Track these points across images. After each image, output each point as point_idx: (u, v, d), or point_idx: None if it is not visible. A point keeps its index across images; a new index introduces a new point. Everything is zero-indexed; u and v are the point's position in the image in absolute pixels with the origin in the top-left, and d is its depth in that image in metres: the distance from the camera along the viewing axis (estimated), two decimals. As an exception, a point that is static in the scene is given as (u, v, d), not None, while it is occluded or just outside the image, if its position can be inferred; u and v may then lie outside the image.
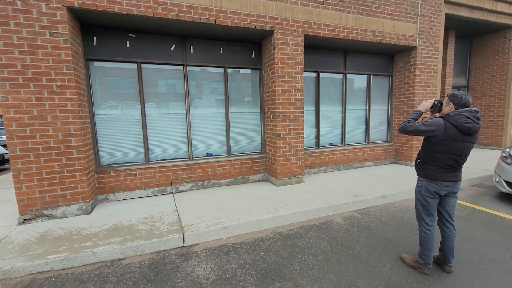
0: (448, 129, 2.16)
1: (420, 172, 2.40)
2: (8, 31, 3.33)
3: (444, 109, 2.33)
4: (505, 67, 8.34)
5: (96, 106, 4.43)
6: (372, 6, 5.54)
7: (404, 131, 2.32)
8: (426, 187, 2.34)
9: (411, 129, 2.28)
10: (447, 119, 2.19)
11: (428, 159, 2.31)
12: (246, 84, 5.45)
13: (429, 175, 2.32)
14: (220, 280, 2.48)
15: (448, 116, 2.19)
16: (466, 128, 2.14)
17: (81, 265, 2.77)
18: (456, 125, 2.15)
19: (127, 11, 3.81)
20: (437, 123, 2.19)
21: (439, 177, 2.29)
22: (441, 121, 2.19)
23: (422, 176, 2.38)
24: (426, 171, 2.34)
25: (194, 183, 4.99)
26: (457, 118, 2.15)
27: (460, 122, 2.14)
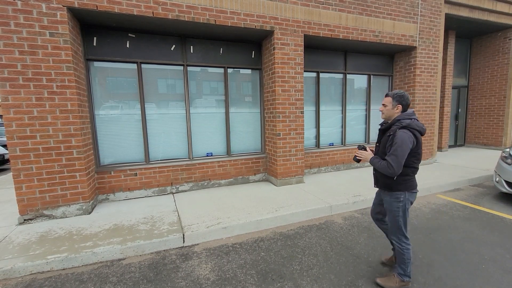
0: (417, 137, 2.09)
1: (401, 186, 2.15)
2: (8, 31, 3.33)
3: (391, 111, 2.19)
4: (505, 67, 8.34)
5: (96, 106, 4.43)
6: (372, 6, 5.54)
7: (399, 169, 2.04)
8: (409, 199, 2.18)
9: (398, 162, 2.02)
10: (411, 127, 2.07)
11: (408, 171, 2.13)
12: (246, 84, 5.45)
13: (410, 186, 2.17)
14: (220, 280, 2.48)
15: (411, 124, 2.07)
16: (424, 130, 2.13)
17: (81, 265, 2.77)
18: (420, 130, 2.10)
19: (127, 11, 3.81)
20: (407, 137, 2.03)
21: (415, 184, 2.22)
22: (408, 133, 2.04)
23: (403, 189, 2.15)
24: (407, 183, 2.16)
25: (194, 183, 4.99)
26: (417, 123, 2.11)
27: (420, 125, 2.12)
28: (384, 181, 2.22)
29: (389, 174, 2.07)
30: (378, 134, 2.33)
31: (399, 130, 2.05)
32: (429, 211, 4.02)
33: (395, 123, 2.14)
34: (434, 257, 2.77)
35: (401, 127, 2.07)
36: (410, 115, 2.14)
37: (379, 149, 2.26)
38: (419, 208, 4.14)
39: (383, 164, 2.08)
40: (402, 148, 2.00)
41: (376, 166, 2.17)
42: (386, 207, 2.26)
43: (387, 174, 2.08)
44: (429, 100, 6.61)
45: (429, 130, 6.75)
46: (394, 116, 2.18)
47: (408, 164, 2.10)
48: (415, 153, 2.10)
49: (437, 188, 4.93)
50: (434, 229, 3.41)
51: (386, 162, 2.06)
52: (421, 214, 3.91)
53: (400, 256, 2.24)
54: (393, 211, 2.20)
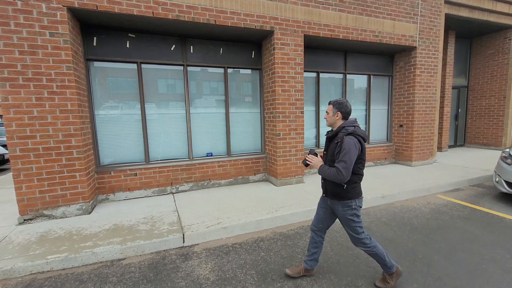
0: (362, 144, 2.10)
1: (351, 194, 2.14)
2: (8, 31, 3.33)
3: (332, 118, 2.20)
4: (505, 67, 8.34)
5: (96, 106, 4.43)
6: (372, 6, 5.54)
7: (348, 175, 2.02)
8: (359, 205, 2.19)
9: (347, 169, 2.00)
10: (357, 134, 2.07)
11: (355, 178, 2.12)
12: (246, 84, 5.45)
13: (358, 193, 2.18)
14: (220, 280, 2.48)
15: (356, 131, 2.08)
16: (366, 137, 2.15)
17: (81, 265, 2.77)
18: (363, 137, 2.11)
19: (127, 11, 3.81)
20: (353, 145, 2.02)
21: (361, 190, 2.22)
22: (354, 139, 2.04)
23: (353, 197, 2.15)
24: (355, 191, 2.16)
25: (194, 183, 4.99)
26: (360, 130, 2.12)
27: (363, 132, 2.14)
28: (333, 190, 2.20)
29: (339, 181, 2.03)
30: (325, 142, 2.30)
31: (346, 137, 2.05)
32: (429, 211, 4.02)
33: (341, 130, 2.13)
34: (434, 257, 2.77)
35: (347, 134, 2.06)
36: (353, 122, 2.15)
37: (327, 157, 2.23)
38: (419, 208, 4.14)
39: (333, 171, 2.04)
40: (350, 154, 2.00)
41: (325, 174, 2.12)
42: (340, 217, 2.23)
43: (336, 181, 2.05)
44: (429, 100, 6.62)
45: (429, 130, 6.75)
46: (337, 124, 2.19)
47: (354, 171, 2.09)
48: (361, 160, 2.11)
49: (437, 188, 4.93)
50: (434, 229, 3.41)
51: (336, 169, 2.02)
52: (421, 214, 3.91)
53: (375, 257, 2.24)
54: (349, 220, 2.18)
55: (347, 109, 2.17)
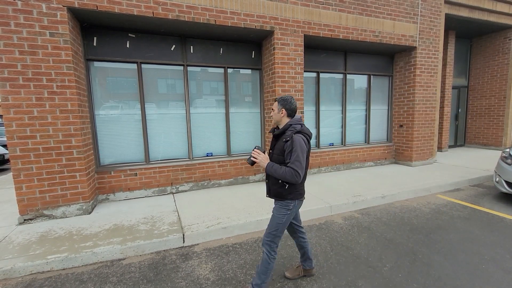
0: (308, 143, 2.04)
1: (292, 195, 2.06)
2: (8, 31, 3.33)
3: (277, 116, 2.12)
4: (505, 67, 8.34)
5: (96, 106, 4.43)
6: (372, 6, 5.54)
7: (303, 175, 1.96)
8: (297, 207, 2.13)
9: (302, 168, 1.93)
10: (304, 132, 2.01)
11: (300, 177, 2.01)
12: (246, 84, 5.45)
13: (300, 194, 2.11)
14: (220, 280, 2.48)
15: (302, 130, 2.02)
16: (311, 136, 2.10)
17: (81, 265, 2.77)
18: (309, 135, 2.06)
19: (127, 11, 3.81)
20: (303, 143, 1.96)
21: (304, 192, 2.16)
22: (300, 137, 1.97)
23: (294, 198, 2.07)
24: (298, 191, 2.09)
25: (194, 183, 4.99)
26: (306, 128, 2.07)
27: (308, 131, 2.08)
28: (276, 190, 2.10)
29: (295, 182, 1.94)
30: (271, 141, 2.20)
31: (295, 135, 1.96)
32: (429, 211, 4.02)
33: (288, 128, 2.04)
34: (434, 257, 2.77)
35: (296, 132, 1.99)
36: (299, 120, 2.09)
37: (273, 156, 2.12)
38: (419, 208, 4.14)
39: (288, 172, 1.92)
40: (303, 154, 1.95)
41: (277, 174, 1.97)
42: (273, 212, 2.15)
43: (292, 181, 1.95)
44: (429, 100, 6.61)
45: (429, 130, 6.75)
46: (283, 121, 2.11)
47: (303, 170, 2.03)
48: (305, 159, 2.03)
49: (437, 188, 4.93)
50: (434, 229, 3.42)
51: (292, 170, 1.91)
52: (421, 214, 3.91)
53: (264, 265, 2.09)
54: (278, 217, 2.09)
55: (292, 106, 2.09)
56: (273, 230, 2.11)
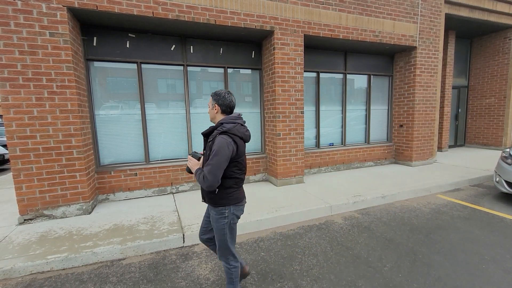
0: (239, 144, 1.84)
1: (224, 200, 1.89)
2: (8, 31, 3.33)
3: (212, 112, 1.95)
4: (505, 67, 8.34)
5: (96, 106, 4.43)
6: (372, 6, 5.54)
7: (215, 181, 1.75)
8: (235, 214, 1.94)
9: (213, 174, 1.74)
10: (232, 133, 1.80)
11: (230, 182, 1.88)
12: (246, 84, 5.45)
13: (235, 199, 1.93)
14: (220, 280, 2.48)
15: (231, 129, 1.81)
16: (247, 137, 1.91)
17: (81, 265, 2.77)
18: (242, 137, 1.86)
19: (127, 11, 3.81)
20: (226, 144, 1.75)
21: (242, 196, 1.99)
22: (227, 139, 1.77)
23: (228, 204, 1.90)
24: (231, 197, 1.91)
25: (194, 183, 4.99)
26: (239, 128, 1.85)
27: (242, 131, 1.87)
28: (208, 195, 1.94)
29: (206, 187, 1.77)
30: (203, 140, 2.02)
31: (218, 136, 1.78)
32: (429, 211, 4.02)
33: (218, 127, 1.86)
34: (434, 257, 2.77)
35: (221, 132, 1.80)
36: (235, 118, 1.89)
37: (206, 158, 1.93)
38: (419, 208, 4.14)
39: (200, 176, 1.78)
40: (219, 157, 1.73)
41: (197, 179, 1.83)
42: (212, 224, 1.98)
43: (204, 187, 1.78)
44: (429, 100, 6.61)
45: (429, 130, 6.75)
46: (217, 118, 1.94)
47: (229, 174, 1.85)
48: (236, 162, 1.86)
49: (437, 188, 4.93)
50: (434, 229, 3.41)
51: (203, 174, 1.77)
52: (421, 214, 3.91)
53: (228, 276, 2.05)
54: (219, 229, 1.93)
55: (226, 102, 1.89)
56: (221, 246, 1.97)
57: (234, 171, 1.88)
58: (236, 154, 1.83)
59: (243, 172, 1.96)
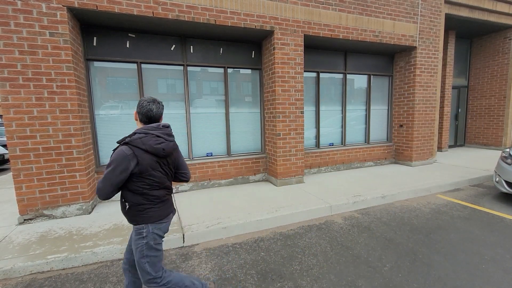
0: (142, 158, 1.62)
1: (139, 218, 1.70)
2: (8, 31, 3.33)
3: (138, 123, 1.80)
4: (505, 67, 8.34)
5: (96, 106, 4.43)
6: (372, 6, 5.54)
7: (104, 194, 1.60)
8: (155, 233, 1.73)
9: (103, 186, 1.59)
10: (133, 145, 1.62)
11: (139, 199, 1.69)
12: (246, 84, 5.45)
13: (151, 218, 1.72)
14: (220, 280, 2.48)
15: (133, 141, 1.62)
16: (159, 151, 1.66)
17: (81, 265, 2.77)
18: (148, 149, 1.63)
19: (127, 11, 3.81)
20: (121, 157, 1.58)
21: (163, 214, 1.76)
22: (126, 151, 1.60)
23: (143, 222, 1.71)
24: (145, 214, 1.71)
25: (194, 183, 4.99)
26: (147, 140, 1.63)
27: (150, 144, 1.64)
28: (122, 212, 1.76)
29: (101, 198, 1.62)
30: None
31: (120, 146, 1.65)
32: (429, 211, 4.02)
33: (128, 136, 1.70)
34: (434, 257, 2.77)
35: (124, 143, 1.65)
36: (151, 129, 1.68)
37: None
38: (419, 208, 4.14)
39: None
40: (110, 169, 1.58)
41: None
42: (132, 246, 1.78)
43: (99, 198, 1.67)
44: (429, 100, 6.61)
45: (429, 130, 6.75)
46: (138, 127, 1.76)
47: (135, 189, 1.66)
48: (142, 178, 1.65)
49: (437, 188, 4.93)
50: (434, 229, 3.42)
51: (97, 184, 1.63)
52: (421, 214, 3.91)
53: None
54: (137, 251, 1.73)
55: (143, 110, 1.71)
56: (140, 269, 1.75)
57: (141, 186, 1.67)
58: (139, 168, 1.62)
59: (156, 188, 1.72)
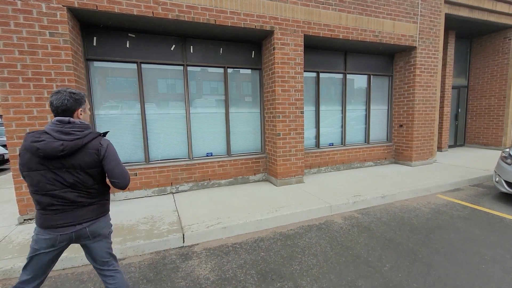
0: (22, 156, 1.47)
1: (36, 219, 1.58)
2: (8, 31, 3.33)
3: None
4: (505, 67, 8.34)
5: (96, 106, 4.43)
6: (372, 6, 5.54)
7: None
8: (40, 237, 1.54)
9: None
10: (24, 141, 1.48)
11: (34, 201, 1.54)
12: (246, 84, 5.45)
13: (37, 221, 1.55)
14: (220, 280, 2.48)
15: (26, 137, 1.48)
16: (33, 149, 1.43)
17: (81, 265, 2.77)
18: (26, 147, 1.45)
19: (127, 11, 3.81)
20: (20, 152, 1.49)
21: (45, 223, 1.52)
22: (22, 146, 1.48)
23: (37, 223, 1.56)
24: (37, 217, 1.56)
25: (194, 183, 4.99)
26: (30, 137, 1.45)
27: (29, 141, 1.44)
28: None
29: None
30: None
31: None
32: (429, 211, 4.02)
33: None
34: (434, 257, 2.77)
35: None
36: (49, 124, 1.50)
37: None
38: (419, 208, 4.14)
39: None
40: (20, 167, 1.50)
41: None
42: None
43: None
44: (429, 100, 6.61)
45: (429, 130, 6.75)
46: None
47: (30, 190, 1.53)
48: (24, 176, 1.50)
49: (437, 188, 4.93)
50: (434, 229, 3.42)
51: None
52: (421, 214, 3.91)
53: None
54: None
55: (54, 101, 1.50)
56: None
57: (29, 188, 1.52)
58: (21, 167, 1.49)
59: (34, 192, 1.50)
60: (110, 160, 1.58)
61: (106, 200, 1.71)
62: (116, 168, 1.60)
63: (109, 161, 1.58)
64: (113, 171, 1.59)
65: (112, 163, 1.59)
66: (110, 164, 1.59)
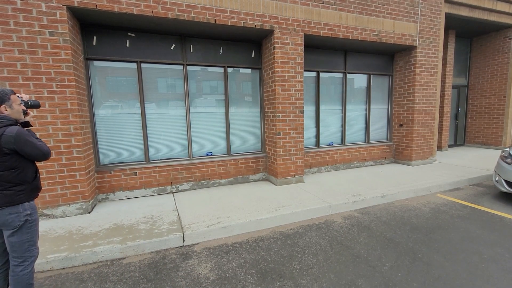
0: None
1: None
2: (7, 31, 3.32)
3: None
4: (505, 67, 8.34)
5: (96, 106, 4.43)
6: (372, 5, 5.53)
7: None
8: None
9: None
10: None
11: None
12: (246, 83, 5.45)
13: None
14: (220, 279, 2.48)
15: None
16: None
17: (81, 264, 2.77)
18: None
19: (127, 10, 3.80)
20: None
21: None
22: None
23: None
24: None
25: (194, 183, 4.99)
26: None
27: None
28: None
29: None
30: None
31: None
32: (429, 211, 4.02)
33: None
34: (434, 257, 2.78)
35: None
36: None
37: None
38: (419, 208, 4.15)
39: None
40: None
41: None
42: None
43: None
44: (429, 99, 6.61)
45: (429, 130, 6.75)
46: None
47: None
48: None
49: (436, 188, 4.93)
50: (434, 229, 3.42)
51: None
52: (421, 214, 3.91)
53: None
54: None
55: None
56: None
57: None
58: None
59: None
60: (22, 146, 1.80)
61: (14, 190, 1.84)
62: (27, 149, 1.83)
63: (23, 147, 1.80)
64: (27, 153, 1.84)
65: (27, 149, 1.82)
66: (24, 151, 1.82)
